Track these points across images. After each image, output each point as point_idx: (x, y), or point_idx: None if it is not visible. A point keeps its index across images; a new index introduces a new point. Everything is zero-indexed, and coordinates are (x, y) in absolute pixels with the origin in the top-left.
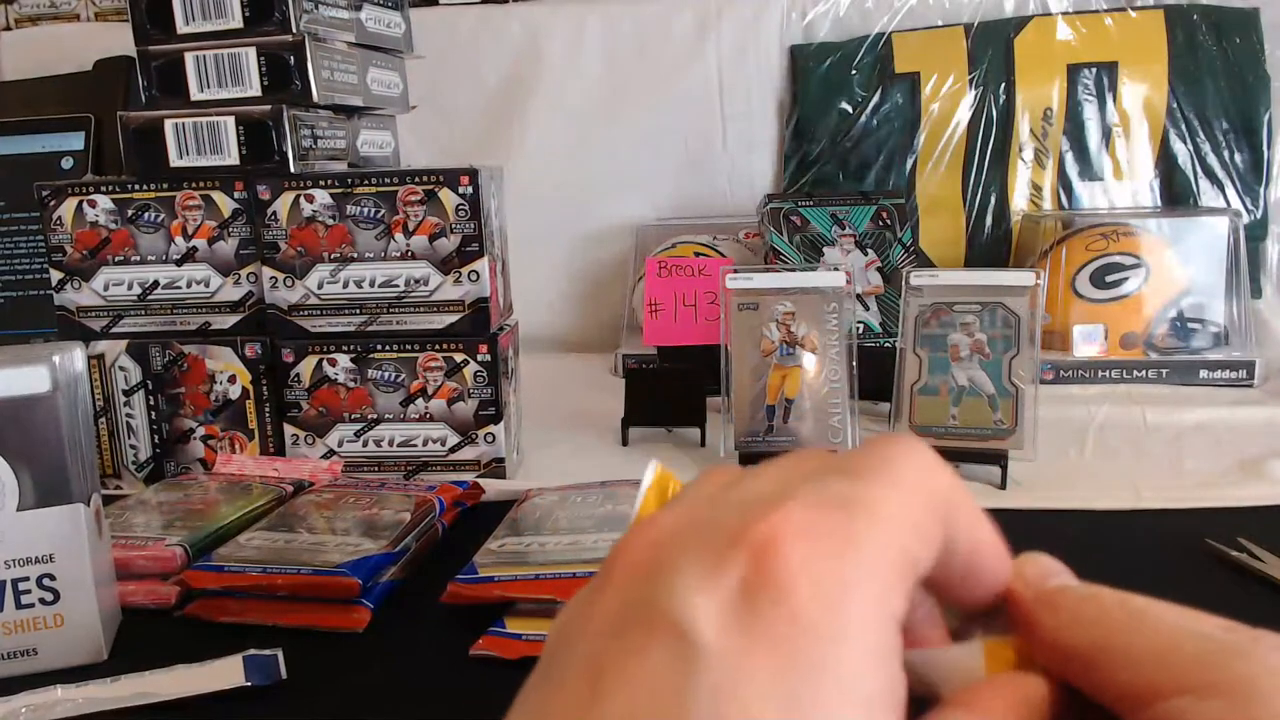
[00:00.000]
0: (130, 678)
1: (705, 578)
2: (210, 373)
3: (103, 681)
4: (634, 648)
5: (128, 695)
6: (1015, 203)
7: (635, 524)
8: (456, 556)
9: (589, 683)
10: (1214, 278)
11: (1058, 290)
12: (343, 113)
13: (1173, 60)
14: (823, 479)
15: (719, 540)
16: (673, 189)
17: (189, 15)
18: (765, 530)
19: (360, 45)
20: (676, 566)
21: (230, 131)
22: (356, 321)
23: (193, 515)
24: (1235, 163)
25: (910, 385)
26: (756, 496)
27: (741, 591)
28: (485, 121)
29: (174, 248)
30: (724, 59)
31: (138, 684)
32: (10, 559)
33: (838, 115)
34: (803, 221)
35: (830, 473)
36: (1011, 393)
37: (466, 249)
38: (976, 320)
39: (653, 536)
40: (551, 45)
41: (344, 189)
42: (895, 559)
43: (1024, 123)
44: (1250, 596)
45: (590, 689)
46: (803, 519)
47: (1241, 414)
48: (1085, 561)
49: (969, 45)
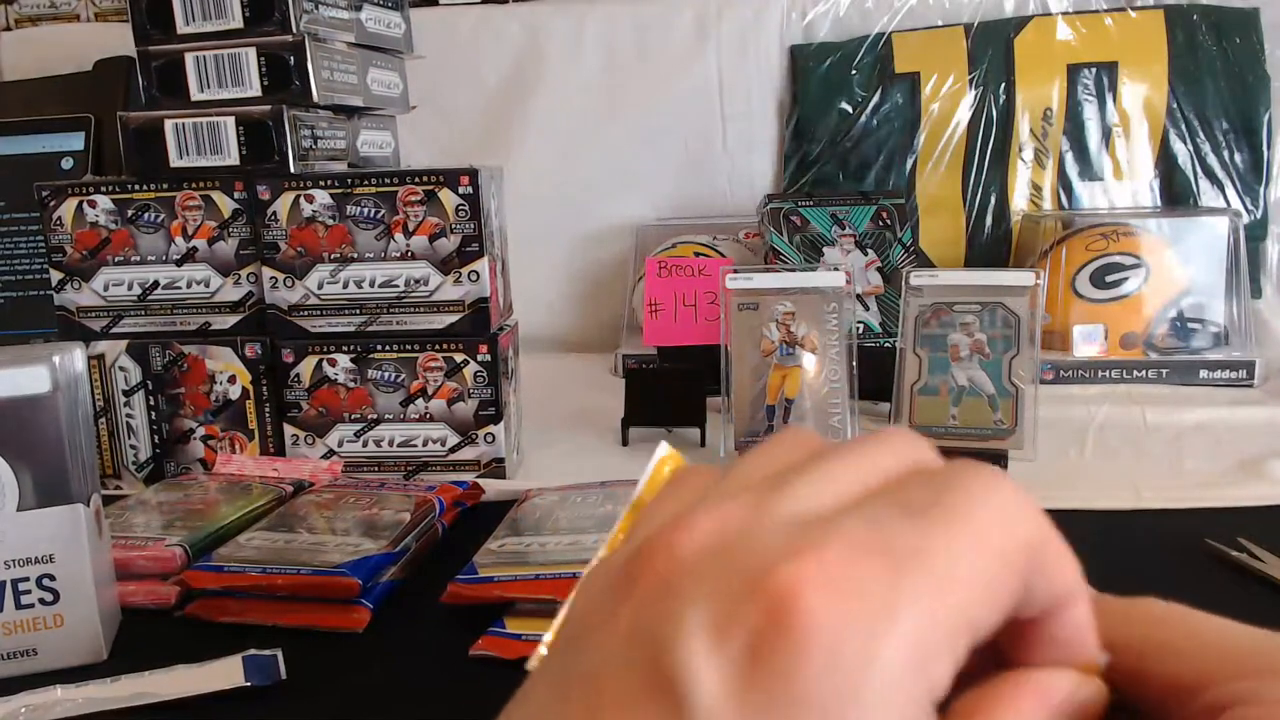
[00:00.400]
0: (130, 678)
1: (716, 631)
2: (210, 373)
3: (102, 682)
4: (630, 698)
5: (127, 695)
6: (1015, 203)
7: (671, 521)
8: (456, 556)
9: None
10: (1214, 278)
11: (1058, 290)
12: (343, 113)
13: (1173, 60)
14: (878, 512)
15: (740, 583)
16: (673, 189)
17: (189, 15)
18: (788, 578)
19: (360, 45)
20: (693, 604)
21: (230, 132)
22: (356, 322)
23: (193, 515)
24: (1235, 163)
25: (910, 385)
26: (801, 518)
27: (750, 653)
28: (485, 121)
29: (174, 248)
30: (724, 59)
31: (137, 684)
32: (10, 559)
33: (838, 115)
34: (803, 221)
35: (891, 503)
36: (1011, 393)
37: (466, 249)
38: (976, 320)
39: (681, 550)
40: (551, 45)
41: (344, 189)
42: (945, 625)
43: (1024, 123)
44: (1250, 596)
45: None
46: (837, 568)
47: (1241, 414)
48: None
49: (969, 45)
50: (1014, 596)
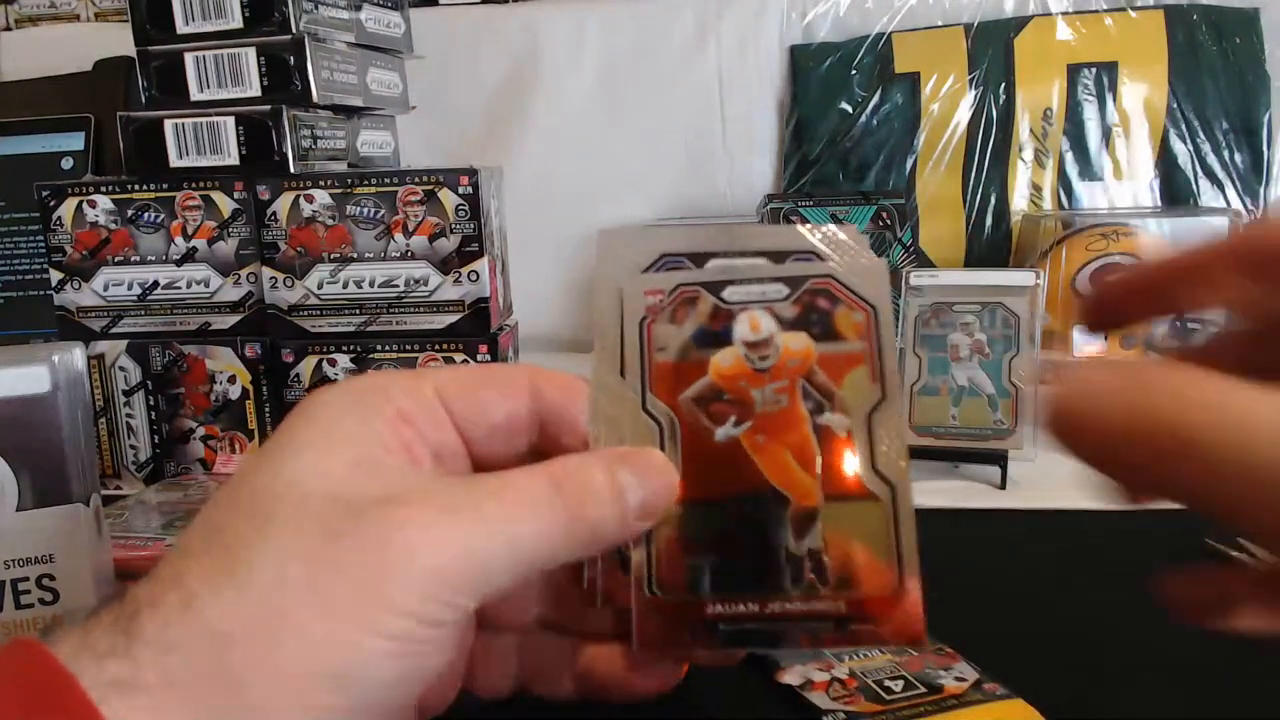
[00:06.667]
0: None
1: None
2: (210, 373)
3: None
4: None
5: None
6: (1015, 203)
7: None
8: None
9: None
10: None
11: (1058, 290)
12: (343, 113)
13: (1173, 60)
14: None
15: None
16: (672, 189)
17: (189, 15)
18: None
19: (360, 45)
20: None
21: (230, 131)
22: (356, 322)
23: (193, 515)
24: (1235, 163)
25: (910, 385)
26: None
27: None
28: (485, 121)
29: (174, 248)
30: (724, 59)
31: None
32: (9, 559)
33: (838, 115)
34: (802, 222)
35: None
36: (1011, 393)
37: (466, 249)
38: (976, 320)
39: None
40: (551, 45)
41: (344, 189)
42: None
43: (1024, 123)
44: None
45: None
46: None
47: None
48: (1085, 561)
49: (969, 45)
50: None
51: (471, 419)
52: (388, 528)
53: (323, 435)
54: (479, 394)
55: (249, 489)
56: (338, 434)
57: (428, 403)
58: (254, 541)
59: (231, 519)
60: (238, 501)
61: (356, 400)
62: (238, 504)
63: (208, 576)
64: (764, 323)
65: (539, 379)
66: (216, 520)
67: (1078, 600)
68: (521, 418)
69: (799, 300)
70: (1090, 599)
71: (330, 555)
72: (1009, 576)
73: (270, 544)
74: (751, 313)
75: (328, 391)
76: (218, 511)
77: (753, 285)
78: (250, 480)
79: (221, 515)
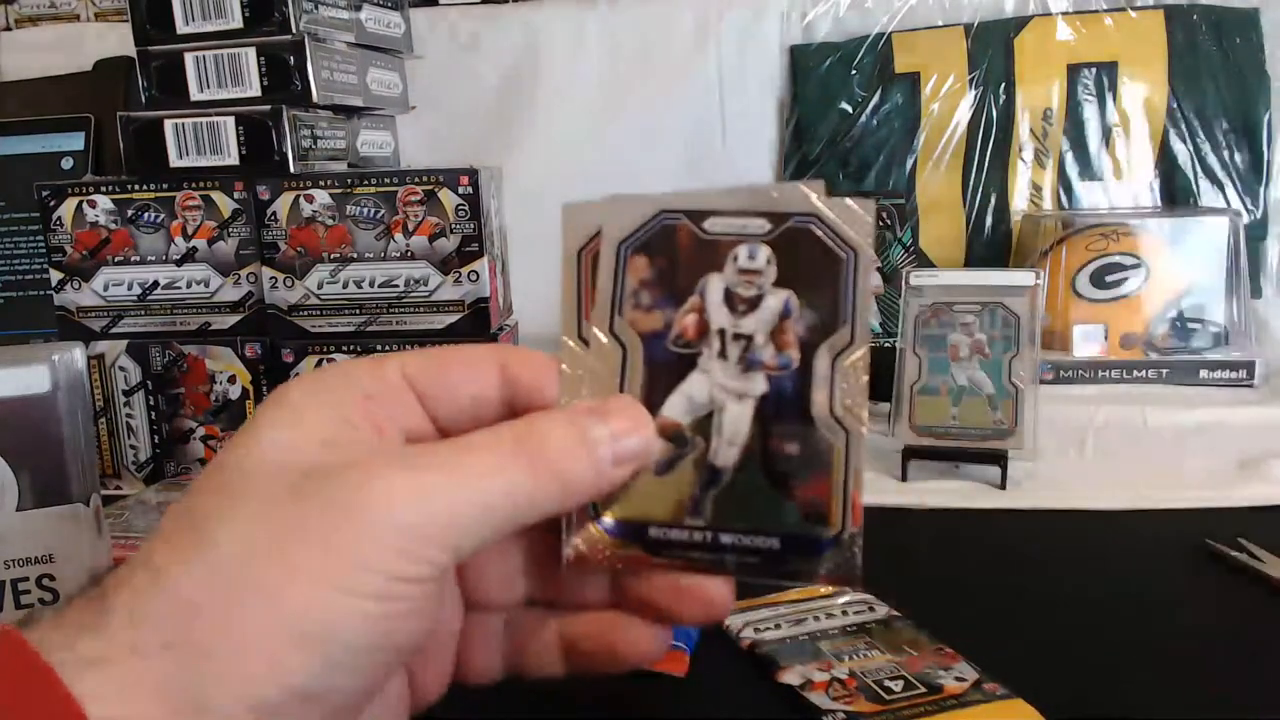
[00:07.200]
0: None
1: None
2: (210, 373)
3: None
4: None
5: None
6: (1015, 203)
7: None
8: None
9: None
10: (1214, 278)
11: (1058, 290)
12: (343, 113)
13: (1173, 60)
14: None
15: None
16: (672, 189)
17: (189, 15)
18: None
19: (360, 45)
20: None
21: (230, 132)
22: (356, 322)
23: None
24: (1235, 163)
25: (910, 385)
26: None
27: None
28: (485, 121)
29: (174, 248)
30: (724, 59)
31: None
32: (9, 559)
33: (838, 115)
34: None
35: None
36: (1011, 393)
37: (466, 249)
38: (976, 320)
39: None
40: (551, 45)
41: (344, 189)
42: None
43: (1024, 123)
44: (1250, 596)
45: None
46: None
47: (1241, 414)
48: (1085, 561)
49: (969, 45)
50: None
51: (439, 399)
52: (353, 487)
53: (292, 417)
54: (446, 374)
55: (219, 471)
56: (308, 417)
57: (394, 385)
58: (223, 515)
59: (201, 500)
60: (208, 484)
61: (324, 386)
62: (208, 486)
63: (176, 552)
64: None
65: (508, 357)
66: (188, 504)
67: (1078, 600)
68: (491, 397)
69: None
70: (1090, 599)
71: (296, 517)
72: (1009, 576)
73: (238, 514)
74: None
75: (296, 381)
76: (190, 497)
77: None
78: (221, 462)
79: (192, 499)
